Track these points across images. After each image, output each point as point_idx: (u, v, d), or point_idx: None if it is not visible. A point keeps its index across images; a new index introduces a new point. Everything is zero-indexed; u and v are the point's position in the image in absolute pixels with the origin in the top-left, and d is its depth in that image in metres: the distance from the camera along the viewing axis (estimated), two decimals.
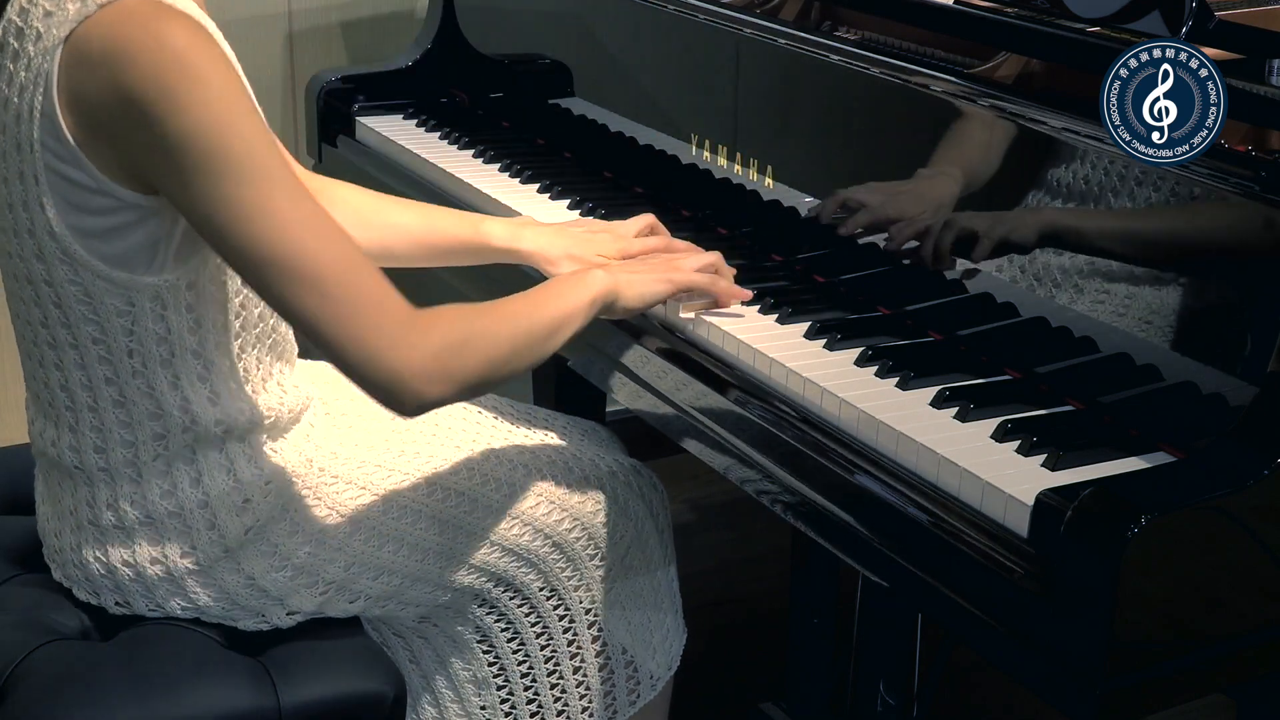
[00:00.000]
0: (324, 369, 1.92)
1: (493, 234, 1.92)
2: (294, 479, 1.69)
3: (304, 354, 1.80)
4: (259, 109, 1.50)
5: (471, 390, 1.56)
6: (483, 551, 1.79)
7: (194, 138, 1.43)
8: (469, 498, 1.79)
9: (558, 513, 1.84)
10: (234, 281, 1.61)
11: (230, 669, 1.64)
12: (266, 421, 1.67)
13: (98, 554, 1.67)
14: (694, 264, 1.82)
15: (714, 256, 1.85)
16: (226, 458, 1.65)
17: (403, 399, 1.51)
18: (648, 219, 1.95)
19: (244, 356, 1.65)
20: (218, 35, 1.54)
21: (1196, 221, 1.51)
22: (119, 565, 1.67)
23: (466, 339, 1.53)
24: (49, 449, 1.67)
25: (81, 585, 1.71)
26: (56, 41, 1.48)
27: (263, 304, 1.63)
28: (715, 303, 1.83)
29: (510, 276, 1.97)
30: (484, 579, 1.81)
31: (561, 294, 1.67)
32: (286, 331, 1.72)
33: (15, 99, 1.52)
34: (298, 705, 1.63)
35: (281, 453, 1.69)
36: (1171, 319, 1.53)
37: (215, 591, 1.68)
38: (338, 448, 1.75)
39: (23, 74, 1.51)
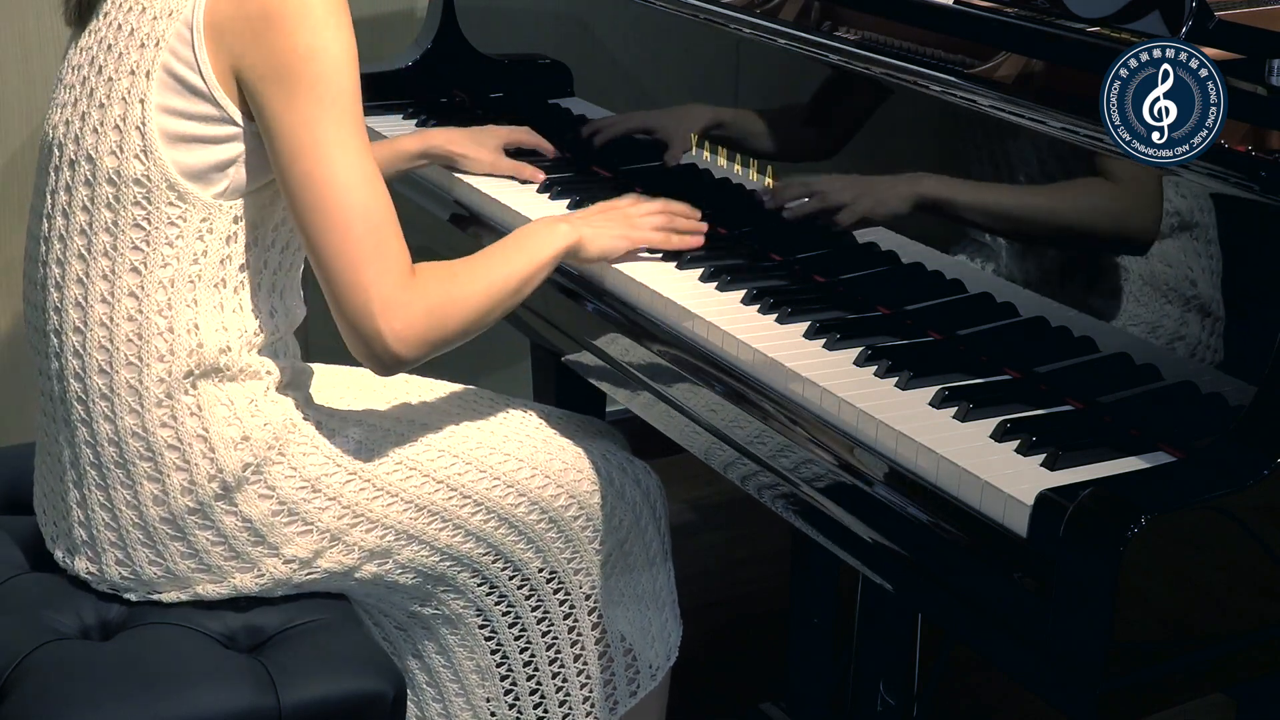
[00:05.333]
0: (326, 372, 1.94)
1: (405, 142, 2.23)
2: (291, 425, 1.73)
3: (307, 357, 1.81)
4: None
5: (442, 350, 1.69)
6: (478, 518, 1.81)
7: (316, 58, 1.60)
8: (464, 460, 1.81)
9: (553, 487, 1.86)
10: (271, 224, 1.71)
11: (230, 669, 1.65)
12: (265, 372, 1.72)
13: (101, 500, 1.70)
14: (652, 222, 1.96)
15: (663, 205, 1.98)
16: (226, 396, 1.69)
17: (381, 358, 1.66)
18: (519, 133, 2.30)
19: (259, 300, 1.72)
20: None
21: (1196, 222, 1.51)
22: (122, 509, 1.69)
23: (447, 307, 1.67)
24: (54, 386, 1.71)
25: (84, 551, 1.71)
26: None
27: (287, 256, 1.74)
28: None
29: None
30: (481, 550, 1.82)
31: (531, 248, 1.80)
32: (298, 303, 1.79)
33: (153, 1, 1.65)
34: (298, 705, 1.63)
35: (279, 403, 1.73)
36: (1171, 319, 1.53)
37: (213, 534, 1.70)
38: (335, 406, 1.81)
39: None
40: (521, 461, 1.85)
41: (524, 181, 2.23)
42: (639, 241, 1.94)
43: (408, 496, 1.78)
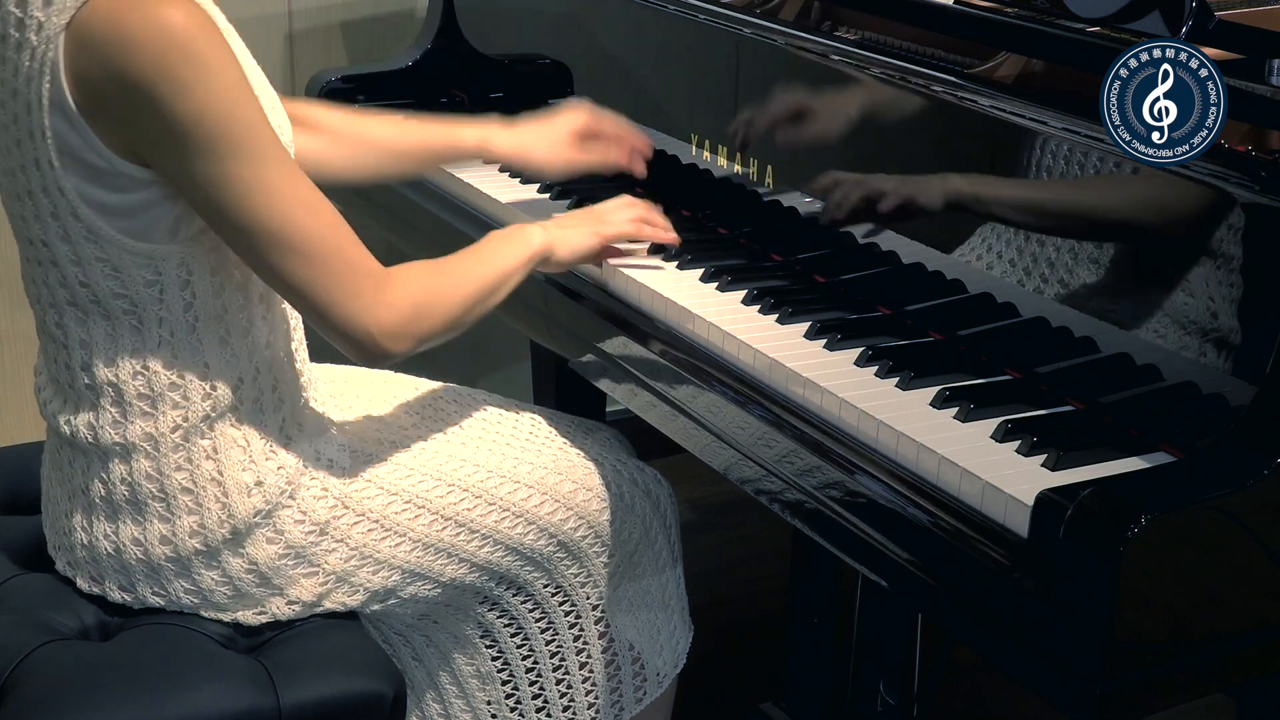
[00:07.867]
0: (333, 371, 1.93)
1: (464, 135, 2.04)
2: (303, 468, 1.70)
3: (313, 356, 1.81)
4: (252, 87, 1.54)
5: (428, 344, 1.67)
6: (485, 550, 1.79)
7: (196, 122, 1.48)
8: (472, 494, 1.79)
9: (563, 511, 1.84)
10: None
11: (230, 669, 1.64)
12: (292, 391, 1.70)
13: (107, 532, 1.67)
14: (623, 215, 1.92)
15: (642, 204, 1.94)
16: (243, 437, 1.66)
17: (373, 354, 1.63)
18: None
19: (261, 313, 1.67)
20: (218, 16, 1.58)
21: (1196, 221, 1.51)
22: (128, 544, 1.67)
23: (429, 299, 1.65)
24: (63, 428, 1.67)
25: (86, 570, 1.71)
26: (59, 28, 1.50)
27: None
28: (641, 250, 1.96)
29: None
30: (486, 577, 1.81)
31: (504, 251, 1.77)
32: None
33: (23, 88, 1.53)
34: (298, 705, 1.63)
35: (294, 442, 1.70)
36: (1172, 319, 1.53)
37: (219, 575, 1.68)
38: (345, 441, 1.77)
39: (28, 63, 1.53)
40: (531, 489, 1.82)
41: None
42: (610, 236, 1.90)
43: (416, 535, 1.76)
